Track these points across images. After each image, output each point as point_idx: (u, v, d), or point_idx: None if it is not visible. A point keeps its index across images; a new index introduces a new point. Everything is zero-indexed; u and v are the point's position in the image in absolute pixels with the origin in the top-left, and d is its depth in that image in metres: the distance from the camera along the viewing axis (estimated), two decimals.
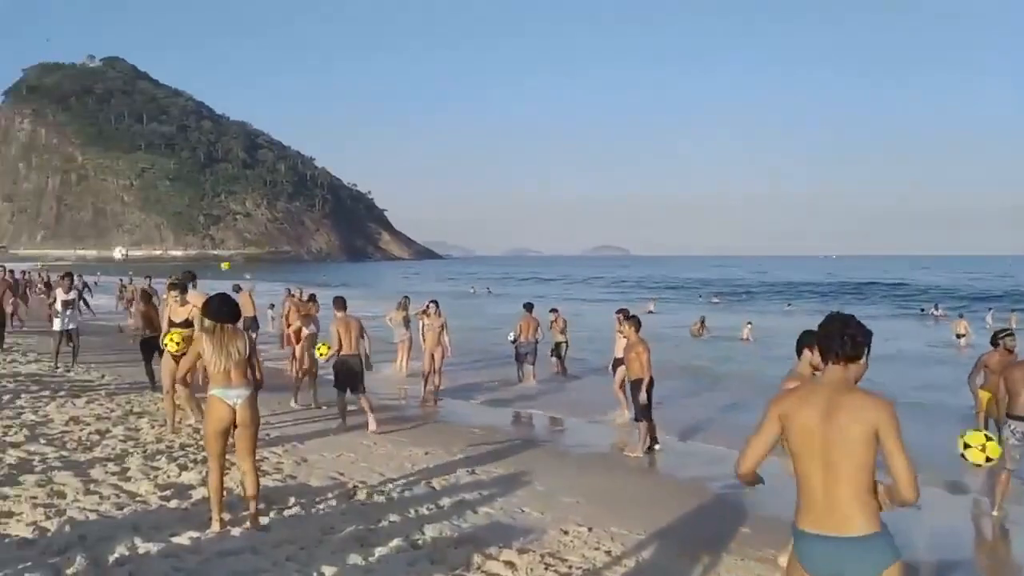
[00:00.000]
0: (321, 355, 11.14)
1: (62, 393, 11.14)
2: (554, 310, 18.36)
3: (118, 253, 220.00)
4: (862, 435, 3.03)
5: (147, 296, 14.04)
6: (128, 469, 7.06)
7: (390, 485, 7.45)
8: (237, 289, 18.79)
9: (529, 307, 16.95)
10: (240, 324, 5.97)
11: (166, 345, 8.85)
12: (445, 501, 7.00)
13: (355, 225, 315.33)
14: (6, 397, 10.43)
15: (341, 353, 10.59)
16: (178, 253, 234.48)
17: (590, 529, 6.52)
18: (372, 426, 10.24)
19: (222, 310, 5.72)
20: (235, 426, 5.53)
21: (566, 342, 17.62)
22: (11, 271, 26.43)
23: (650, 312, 37.73)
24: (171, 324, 9.11)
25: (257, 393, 5.73)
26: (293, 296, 17.68)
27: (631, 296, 53.30)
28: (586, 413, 12.73)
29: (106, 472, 6.90)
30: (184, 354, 8.83)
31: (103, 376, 13.16)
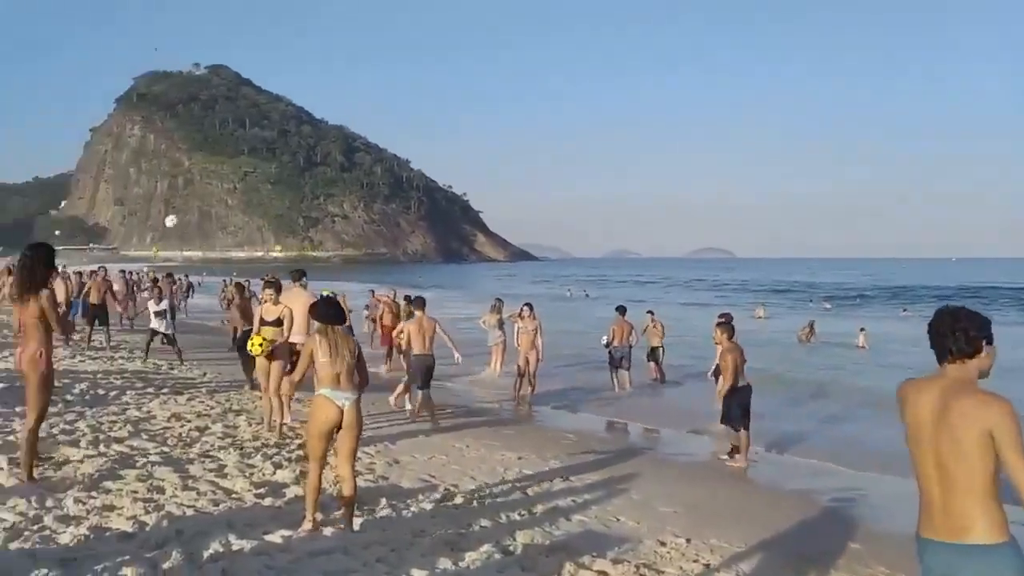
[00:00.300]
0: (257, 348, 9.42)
1: (165, 390, 11.63)
2: (650, 312, 18.09)
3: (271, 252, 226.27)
4: (975, 438, 2.85)
5: (241, 288, 14.54)
6: (225, 466, 7.28)
7: (482, 489, 7.44)
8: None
9: (622, 310, 16.68)
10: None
11: (250, 348, 9.07)
12: (538, 507, 6.94)
13: (450, 227, 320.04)
14: (112, 393, 10.95)
15: (415, 352, 11.15)
16: (278, 254, 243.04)
17: (688, 541, 6.35)
18: (408, 406, 11.18)
19: (329, 313, 5.83)
20: (338, 428, 5.60)
21: (662, 347, 17.31)
22: (123, 271, 27.88)
23: (759, 317, 36.79)
24: (262, 322, 9.30)
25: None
26: (386, 298, 17.98)
27: (734, 300, 52.04)
28: (684, 421, 12.46)
29: (204, 468, 7.13)
30: (271, 355, 9.12)
31: (204, 374, 13.69)
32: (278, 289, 9.67)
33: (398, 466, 8.08)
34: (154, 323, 15.32)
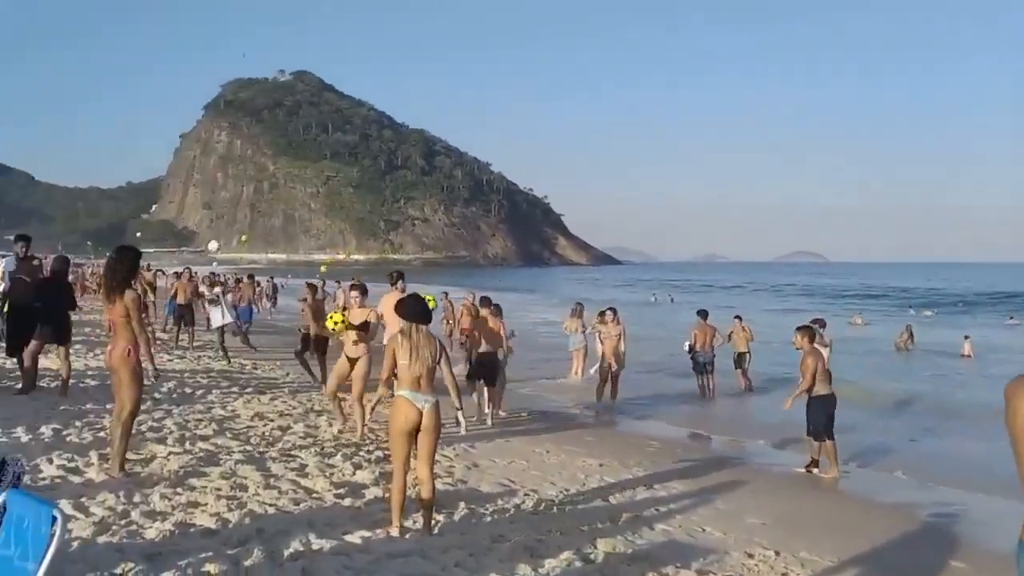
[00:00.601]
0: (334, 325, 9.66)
1: (249, 390, 11.96)
2: (738, 317, 17.72)
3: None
4: None
5: (314, 289, 14.82)
6: (306, 466, 7.42)
7: (562, 495, 7.39)
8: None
9: (704, 314, 16.38)
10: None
11: (329, 325, 9.18)
12: (620, 515, 6.85)
13: (531, 230, 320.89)
14: (198, 392, 11.32)
15: (480, 348, 11.50)
16: (360, 257, 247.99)
17: (777, 553, 6.18)
18: (487, 410, 11.26)
19: (416, 310, 5.87)
20: (418, 430, 5.64)
21: (749, 353, 16.93)
22: (211, 274, 28.77)
23: (856, 324, 35.68)
24: (348, 326, 9.47)
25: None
26: (467, 300, 18.08)
27: (822, 306, 50.53)
28: (771, 430, 12.14)
29: (285, 468, 7.28)
30: (354, 362, 9.26)
31: (287, 374, 14.03)
32: (364, 292, 9.79)
33: (477, 470, 8.10)
34: (214, 317, 15.83)
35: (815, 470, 9.47)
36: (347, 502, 6.36)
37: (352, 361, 9.35)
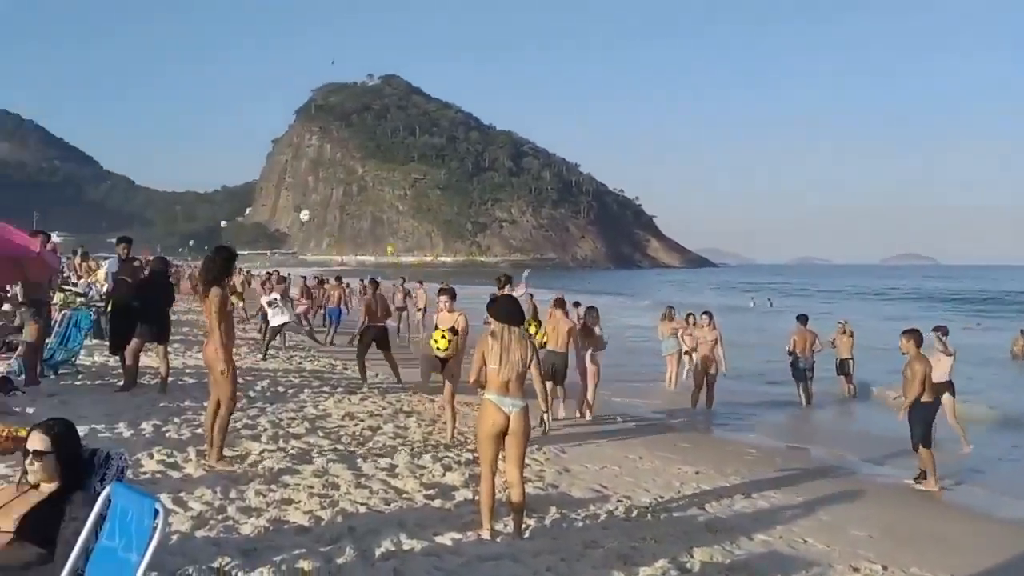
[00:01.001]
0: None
1: (340, 389, 12.23)
2: (842, 322, 17.21)
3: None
4: None
5: (375, 285, 15.09)
6: (396, 466, 7.53)
7: (657, 502, 7.29)
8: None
9: (803, 319, 15.99)
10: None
11: (434, 345, 9.26)
12: (716, 524, 6.72)
13: (621, 232, 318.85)
14: (291, 391, 11.64)
15: (547, 347, 11.21)
16: (447, 259, 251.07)
17: (885, 568, 5.98)
18: (560, 412, 11.37)
19: (508, 311, 5.85)
20: (505, 434, 5.65)
21: (852, 359, 16.40)
22: (304, 277, 29.49)
23: (970, 328, 34.18)
24: (451, 344, 9.47)
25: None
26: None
27: (930, 312, 48.49)
28: (874, 439, 11.74)
29: (375, 467, 7.40)
30: (443, 364, 9.32)
31: (376, 375, 14.27)
32: (452, 296, 9.86)
33: (568, 475, 8.06)
34: (271, 316, 16.30)
35: (927, 478, 9.09)
36: (437, 503, 6.42)
37: (442, 362, 9.44)
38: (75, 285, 17.25)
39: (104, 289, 12.98)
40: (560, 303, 12.04)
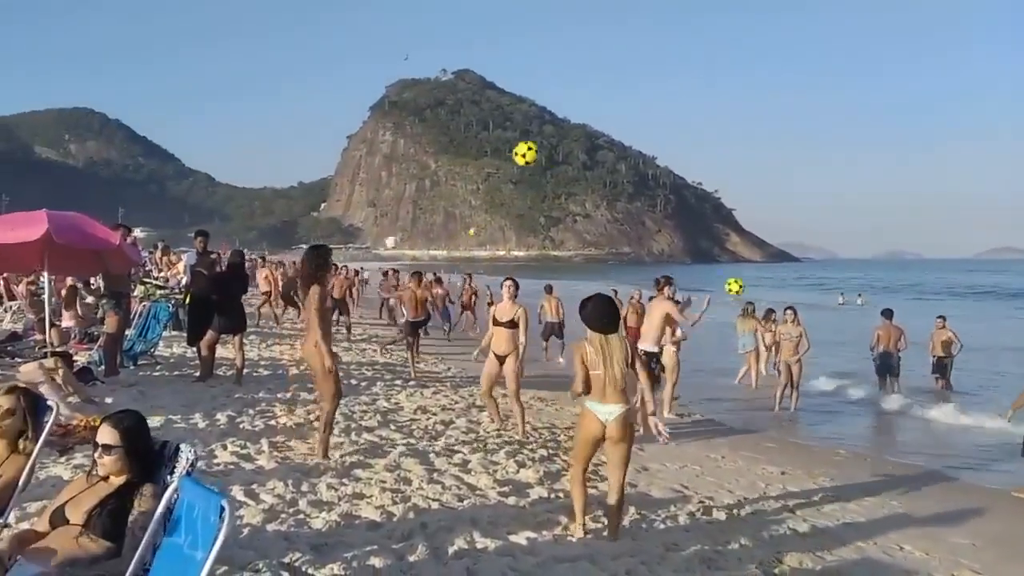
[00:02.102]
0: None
1: (412, 383, 12.24)
2: (941, 317, 16.51)
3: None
4: None
5: (419, 277, 15.09)
6: (468, 462, 7.42)
7: (741, 504, 7.02)
8: (548, 290, 19.46)
9: (888, 313, 15.40)
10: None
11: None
12: (805, 528, 6.43)
13: (700, 226, 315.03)
14: (363, 384, 11.68)
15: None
16: (520, 253, 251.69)
17: None
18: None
19: (604, 317, 5.57)
20: (603, 440, 5.49)
21: (951, 359, 15.72)
22: (391, 271, 29.49)
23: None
24: (494, 322, 9.35)
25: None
26: (634, 297, 17.80)
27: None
28: (973, 442, 11.19)
29: (448, 463, 7.31)
30: (503, 359, 9.19)
31: (448, 369, 14.26)
32: (516, 286, 9.69)
33: (647, 473, 7.85)
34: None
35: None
36: (511, 500, 6.29)
37: (500, 359, 9.24)
38: (156, 279, 17.70)
39: (183, 282, 13.22)
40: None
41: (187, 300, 11.60)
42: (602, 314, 5.58)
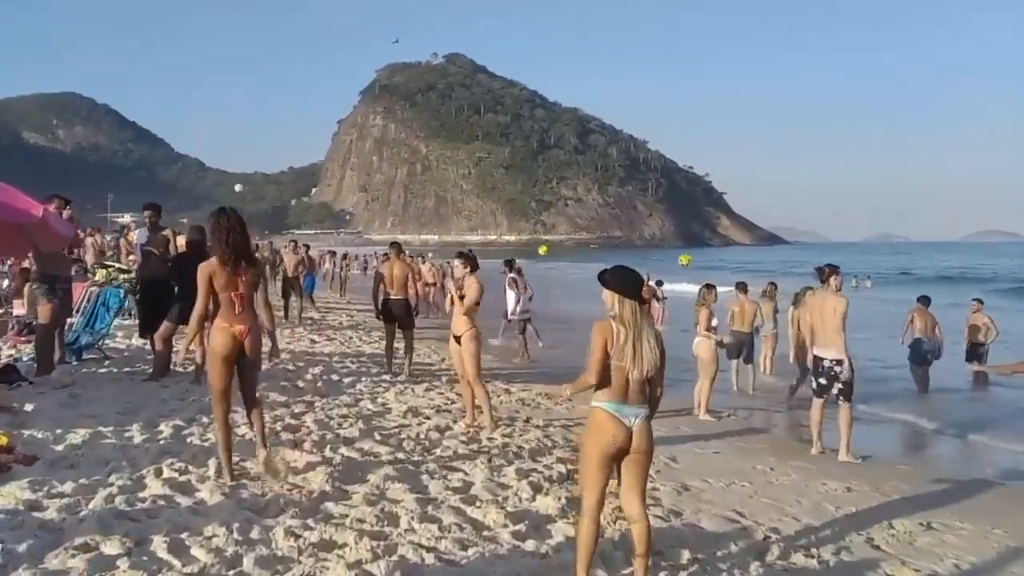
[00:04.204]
0: None
1: (401, 377, 10.74)
2: (977, 300, 15.26)
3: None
4: None
5: (398, 248, 12.38)
6: (471, 485, 5.92)
7: (814, 537, 5.54)
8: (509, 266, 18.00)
9: (925, 300, 14.02)
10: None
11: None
12: (894, 563, 4.98)
13: (691, 209, 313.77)
14: (347, 380, 10.18)
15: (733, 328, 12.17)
16: (511, 238, 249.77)
17: None
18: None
19: (625, 279, 4.09)
20: (623, 453, 4.01)
21: (987, 346, 14.42)
22: (411, 255, 27.86)
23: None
24: (451, 302, 8.45)
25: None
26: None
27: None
28: None
29: (446, 487, 5.79)
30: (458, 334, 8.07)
31: (443, 359, 12.77)
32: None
33: (689, 495, 6.35)
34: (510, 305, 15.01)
35: None
36: (529, 545, 4.76)
37: (456, 338, 8.18)
38: (129, 263, 16.09)
39: (134, 262, 11.54)
40: (743, 287, 12.98)
41: (138, 285, 9.96)
42: (625, 279, 4.10)
